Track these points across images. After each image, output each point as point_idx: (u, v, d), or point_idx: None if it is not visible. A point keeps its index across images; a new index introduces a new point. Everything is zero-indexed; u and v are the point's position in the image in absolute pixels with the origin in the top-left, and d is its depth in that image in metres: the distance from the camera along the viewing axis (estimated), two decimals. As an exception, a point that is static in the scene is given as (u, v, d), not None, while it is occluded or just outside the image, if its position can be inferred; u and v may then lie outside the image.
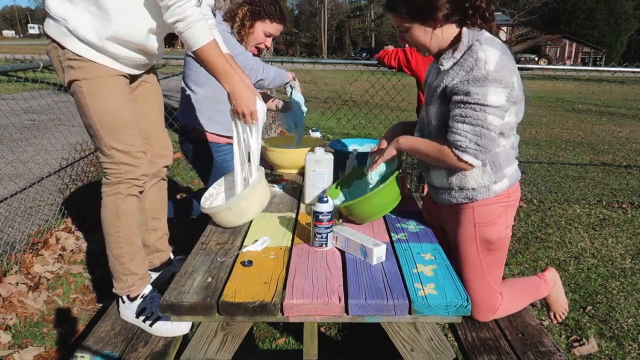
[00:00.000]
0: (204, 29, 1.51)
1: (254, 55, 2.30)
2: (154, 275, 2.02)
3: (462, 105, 1.38)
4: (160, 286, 1.98)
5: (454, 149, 1.43)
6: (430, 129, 1.56)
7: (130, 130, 1.67)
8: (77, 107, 1.64)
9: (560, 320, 1.89)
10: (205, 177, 2.52)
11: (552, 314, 1.88)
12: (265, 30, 2.22)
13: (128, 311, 1.70)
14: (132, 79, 1.76)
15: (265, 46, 2.28)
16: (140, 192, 1.75)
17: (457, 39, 1.43)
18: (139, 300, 1.72)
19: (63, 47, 1.55)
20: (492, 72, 1.33)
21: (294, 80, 2.47)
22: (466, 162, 1.42)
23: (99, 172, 4.23)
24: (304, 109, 2.44)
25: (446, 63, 1.45)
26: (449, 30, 1.44)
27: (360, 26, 60.66)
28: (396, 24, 1.49)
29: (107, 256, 1.74)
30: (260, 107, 1.63)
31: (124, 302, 1.73)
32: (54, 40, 1.57)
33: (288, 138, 2.59)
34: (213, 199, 1.80)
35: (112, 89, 1.62)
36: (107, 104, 1.61)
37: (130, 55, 1.62)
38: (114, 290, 1.75)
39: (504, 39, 1.53)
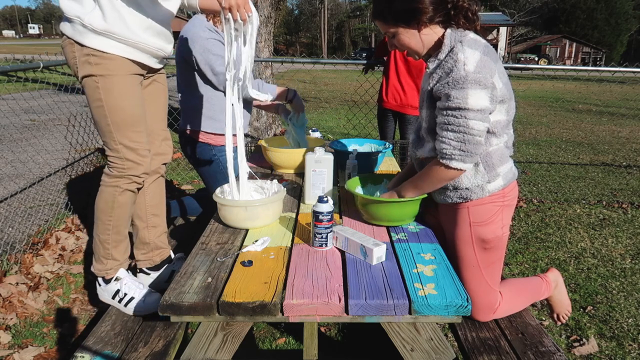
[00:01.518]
0: None
1: None
2: (154, 274, 2.02)
3: (445, 112, 1.41)
4: (160, 286, 1.99)
5: (441, 159, 1.45)
6: (422, 132, 1.59)
7: (139, 127, 1.72)
8: (88, 101, 1.67)
9: (563, 321, 1.88)
10: (207, 178, 2.52)
11: (555, 315, 1.87)
12: None
13: (105, 293, 1.81)
14: (145, 76, 1.79)
15: None
16: (138, 189, 1.80)
17: (442, 41, 1.46)
18: (113, 283, 1.80)
19: (82, 45, 1.58)
20: (471, 73, 1.35)
21: (290, 102, 2.48)
22: (455, 169, 1.45)
23: (99, 172, 4.23)
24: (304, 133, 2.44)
25: (431, 65, 1.48)
26: (434, 32, 1.47)
27: (360, 26, 60.63)
28: (383, 30, 1.52)
29: (94, 238, 1.81)
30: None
31: (99, 284, 1.83)
32: (70, 37, 1.60)
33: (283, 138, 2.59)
34: (227, 193, 1.80)
35: (128, 86, 1.66)
36: (122, 100, 1.65)
37: (144, 40, 1.65)
38: (92, 269, 1.85)
39: (506, 39, 1.53)
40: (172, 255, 2.12)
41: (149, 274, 2.02)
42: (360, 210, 1.68)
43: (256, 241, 1.48)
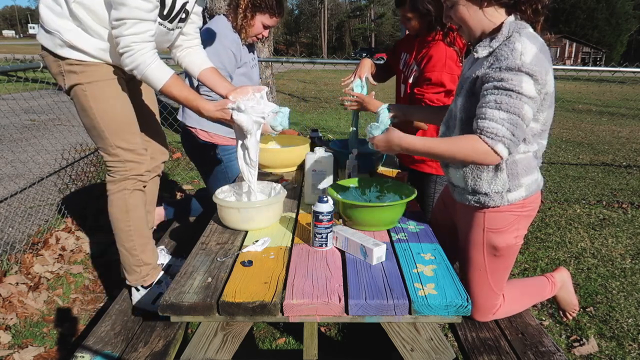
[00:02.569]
0: (158, 69, 1.56)
1: (253, 42, 2.36)
2: None
3: (496, 91, 1.29)
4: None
5: (486, 138, 1.29)
6: (455, 122, 1.49)
7: (133, 128, 1.73)
8: (78, 109, 1.67)
9: (569, 318, 1.87)
10: (208, 177, 2.52)
11: (561, 312, 1.87)
12: (264, 22, 2.27)
13: (143, 299, 1.75)
14: (128, 79, 1.79)
15: (263, 35, 2.32)
16: (144, 187, 1.80)
17: (499, 28, 1.37)
18: (155, 288, 1.77)
19: (63, 57, 1.59)
20: (527, 64, 1.26)
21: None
22: (497, 154, 1.29)
23: (99, 172, 4.23)
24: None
25: (482, 51, 1.38)
26: (496, 15, 1.37)
27: (360, 26, 60.66)
28: None
29: (119, 251, 1.79)
30: (244, 119, 1.63)
31: (137, 290, 1.78)
32: (49, 50, 1.60)
33: (282, 137, 2.59)
34: (228, 194, 1.80)
35: (115, 90, 1.67)
36: (111, 105, 1.66)
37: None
38: (128, 283, 1.81)
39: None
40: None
41: (160, 264, 2.04)
42: (342, 215, 1.63)
43: (256, 241, 1.48)
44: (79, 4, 1.53)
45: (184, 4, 1.66)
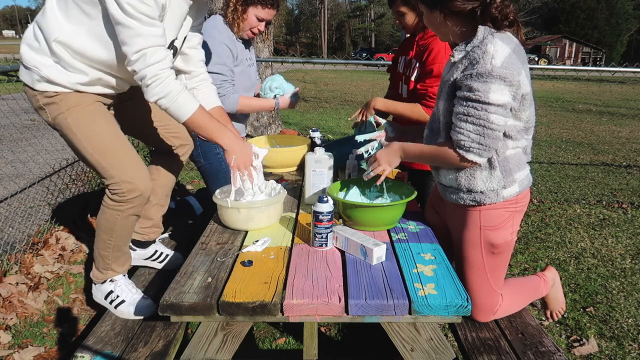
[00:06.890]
0: (188, 99, 1.52)
1: (249, 37, 2.34)
2: (139, 251, 2.08)
3: (465, 103, 1.37)
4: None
5: (457, 149, 1.42)
6: (439, 125, 1.53)
7: (124, 146, 1.67)
8: (66, 140, 1.64)
9: (557, 318, 1.88)
10: (209, 177, 2.51)
11: (548, 313, 1.88)
12: (257, 15, 2.24)
13: (98, 293, 1.81)
14: (109, 104, 1.77)
15: (259, 30, 2.30)
16: (139, 212, 1.76)
17: (473, 34, 1.40)
18: (107, 284, 1.80)
19: (42, 91, 1.57)
20: (497, 68, 1.30)
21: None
22: (470, 161, 1.42)
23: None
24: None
25: (457, 55, 1.42)
26: (463, 27, 1.43)
27: (360, 26, 60.65)
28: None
29: (94, 250, 1.79)
30: (261, 153, 1.69)
31: (94, 284, 1.84)
32: (29, 86, 1.59)
33: (282, 137, 2.59)
34: (228, 194, 1.79)
35: (96, 112, 1.63)
36: (96, 126, 1.62)
37: (106, 91, 1.66)
38: (91, 275, 1.84)
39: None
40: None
41: (134, 250, 2.04)
42: (342, 215, 1.64)
43: (256, 241, 1.48)
44: (60, 43, 1.49)
45: (173, 41, 1.61)
